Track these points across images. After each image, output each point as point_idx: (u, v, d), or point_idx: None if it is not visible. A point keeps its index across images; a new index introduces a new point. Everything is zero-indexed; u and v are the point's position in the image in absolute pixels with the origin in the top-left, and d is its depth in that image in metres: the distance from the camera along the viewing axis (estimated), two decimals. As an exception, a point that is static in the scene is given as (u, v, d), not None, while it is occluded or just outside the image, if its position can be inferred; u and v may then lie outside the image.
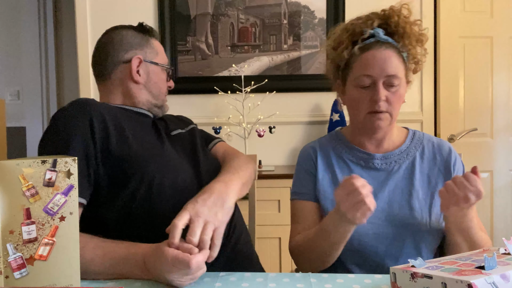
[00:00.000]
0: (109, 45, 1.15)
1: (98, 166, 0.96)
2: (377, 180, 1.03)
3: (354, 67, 1.00)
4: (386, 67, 0.96)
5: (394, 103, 0.98)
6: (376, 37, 0.99)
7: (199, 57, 2.35)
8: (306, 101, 2.36)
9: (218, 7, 2.34)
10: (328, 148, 1.11)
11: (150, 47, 1.18)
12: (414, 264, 0.70)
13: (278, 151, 2.37)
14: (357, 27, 1.03)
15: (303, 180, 1.10)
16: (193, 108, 2.33)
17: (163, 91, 1.21)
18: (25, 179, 0.70)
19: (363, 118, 1.00)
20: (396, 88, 0.98)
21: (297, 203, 1.09)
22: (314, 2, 2.32)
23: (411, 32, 1.00)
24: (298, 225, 1.07)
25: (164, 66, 1.21)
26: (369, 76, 0.97)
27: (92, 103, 1.02)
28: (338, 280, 0.83)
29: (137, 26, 1.19)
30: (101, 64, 1.15)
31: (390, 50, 0.98)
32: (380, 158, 1.05)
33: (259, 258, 1.16)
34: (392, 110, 0.99)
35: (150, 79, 1.16)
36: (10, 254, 0.70)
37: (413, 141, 1.08)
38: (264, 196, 1.92)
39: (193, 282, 0.81)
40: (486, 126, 2.39)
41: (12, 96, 3.32)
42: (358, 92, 1.00)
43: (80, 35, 2.34)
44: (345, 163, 1.08)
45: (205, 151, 1.21)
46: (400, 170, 1.04)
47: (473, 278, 0.59)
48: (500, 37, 2.36)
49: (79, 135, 0.95)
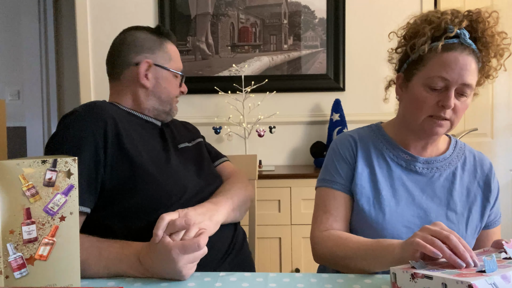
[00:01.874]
0: (122, 45, 1.14)
1: (105, 173, 0.95)
2: (416, 184, 1.00)
3: (430, 64, 0.91)
4: (465, 74, 0.88)
5: (459, 113, 0.92)
6: (461, 39, 0.91)
7: (199, 57, 2.35)
8: (306, 101, 2.36)
9: (219, 7, 2.34)
10: (368, 142, 1.04)
11: (163, 51, 1.15)
12: (414, 264, 0.70)
13: (278, 151, 2.37)
14: (443, 22, 0.92)
15: (338, 167, 1.02)
16: (193, 108, 2.33)
17: (172, 97, 1.18)
18: (25, 179, 0.70)
19: (422, 120, 0.94)
20: (466, 98, 0.92)
21: (328, 191, 1.02)
22: (314, 2, 2.32)
23: (494, 43, 0.92)
24: (330, 215, 0.99)
25: (175, 72, 1.17)
26: (444, 79, 0.90)
27: (104, 106, 1.01)
28: (338, 280, 0.83)
29: (154, 28, 1.17)
30: (113, 63, 1.15)
31: (471, 56, 0.90)
32: (423, 162, 1.00)
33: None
34: (455, 119, 0.93)
35: (159, 84, 1.14)
36: (10, 254, 0.70)
37: (456, 150, 1.04)
38: (264, 196, 1.92)
39: (193, 282, 0.82)
40: (486, 126, 2.39)
41: (12, 96, 3.32)
42: (425, 92, 0.92)
43: (80, 35, 2.34)
44: (385, 161, 1.02)
45: (210, 168, 1.21)
46: (441, 178, 1.00)
47: (474, 279, 0.59)
48: (501, 37, 2.36)
49: (91, 143, 0.94)
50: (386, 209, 0.96)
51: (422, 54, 0.93)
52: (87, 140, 0.94)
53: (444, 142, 1.06)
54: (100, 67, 2.34)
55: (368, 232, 0.95)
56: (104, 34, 2.33)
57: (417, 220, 0.96)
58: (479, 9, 0.93)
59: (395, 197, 0.98)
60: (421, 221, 0.96)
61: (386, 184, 0.99)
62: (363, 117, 2.31)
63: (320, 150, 2.25)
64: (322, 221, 1.00)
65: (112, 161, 0.96)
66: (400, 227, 0.92)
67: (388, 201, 0.97)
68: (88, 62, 2.35)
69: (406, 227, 0.94)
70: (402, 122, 1.03)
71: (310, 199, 1.95)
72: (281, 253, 1.98)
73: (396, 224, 0.95)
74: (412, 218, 0.93)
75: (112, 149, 0.96)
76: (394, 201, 0.97)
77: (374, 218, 0.96)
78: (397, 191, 0.99)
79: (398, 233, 0.94)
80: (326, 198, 1.01)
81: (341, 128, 2.17)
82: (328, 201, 1.01)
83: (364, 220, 0.98)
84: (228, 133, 2.27)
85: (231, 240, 1.07)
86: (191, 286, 0.80)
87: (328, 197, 1.01)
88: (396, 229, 0.88)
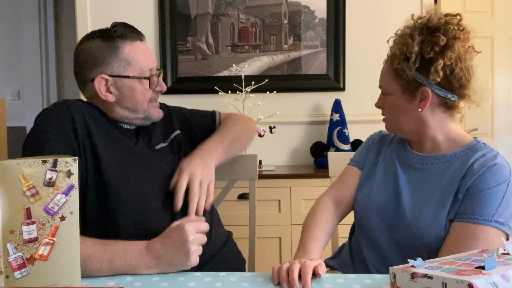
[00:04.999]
0: (77, 62, 1.07)
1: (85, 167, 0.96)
2: (409, 177, 1.06)
3: None
4: (380, 79, 1.08)
5: (386, 110, 1.09)
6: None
7: (200, 57, 2.35)
8: (307, 101, 2.36)
9: (219, 7, 2.34)
10: (388, 140, 1.18)
11: (118, 58, 1.04)
12: (413, 264, 0.70)
13: (278, 151, 2.37)
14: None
15: (363, 151, 1.21)
16: (194, 108, 2.32)
17: (142, 103, 1.08)
18: (25, 179, 0.70)
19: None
20: (388, 97, 1.06)
21: (349, 167, 1.21)
22: (314, 2, 2.32)
23: (398, 43, 1.03)
24: (339, 183, 1.20)
25: (137, 78, 1.06)
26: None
27: (75, 104, 1.01)
28: (338, 280, 0.83)
29: (106, 31, 1.06)
30: (76, 78, 1.10)
31: (385, 65, 1.06)
32: (417, 157, 1.07)
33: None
34: (388, 116, 1.09)
35: (123, 94, 1.05)
36: (11, 254, 0.70)
37: (464, 152, 1.01)
38: (264, 196, 1.92)
39: (193, 282, 0.82)
40: (486, 126, 2.39)
41: (13, 96, 3.32)
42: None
43: (80, 34, 2.34)
44: (391, 156, 1.13)
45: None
46: (433, 173, 1.02)
47: (474, 278, 0.59)
48: (501, 37, 2.36)
49: (63, 135, 0.95)
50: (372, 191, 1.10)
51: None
52: (58, 133, 0.95)
53: (454, 145, 1.03)
54: (100, 67, 2.35)
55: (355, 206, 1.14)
56: (104, 34, 2.34)
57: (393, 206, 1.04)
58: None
59: (384, 182, 1.10)
60: (397, 211, 1.03)
61: (382, 172, 1.12)
62: (363, 117, 2.31)
63: (320, 150, 2.25)
64: (332, 186, 1.21)
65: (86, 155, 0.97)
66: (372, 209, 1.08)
67: (377, 184, 1.10)
68: (88, 62, 2.35)
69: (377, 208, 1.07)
70: None
71: (310, 199, 1.94)
72: (281, 253, 1.98)
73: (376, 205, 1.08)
74: (390, 205, 1.05)
75: (83, 143, 0.97)
76: (381, 185, 1.10)
77: (362, 195, 1.12)
78: (388, 180, 1.09)
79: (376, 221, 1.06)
80: (345, 171, 1.22)
81: (341, 128, 2.17)
82: (345, 173, 1.21)
83: (356, 197, 1.14)
84: (228, 133, 2.27)
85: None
86: (191, 286, 0.80)
87: (346, 171, 1.21)
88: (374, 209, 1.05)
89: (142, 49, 1.08)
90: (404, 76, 0.99)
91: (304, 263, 0.83)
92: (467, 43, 1.00)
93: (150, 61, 1.09)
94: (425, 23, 0.99)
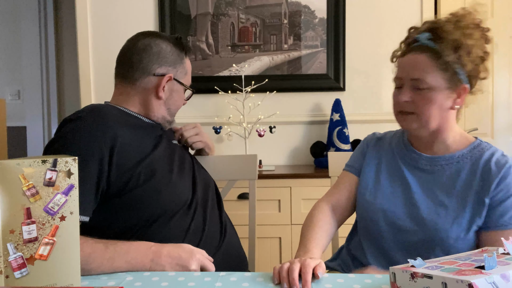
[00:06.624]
0: (145, 52, 1.13)
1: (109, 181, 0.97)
2: (417, 178, 1.04)
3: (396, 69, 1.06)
4: (411, 70, 0.99)
5: (418, 104, 0.98)
6: (420, 42, 1.00)
7: (200, 57, 2.35)
8: (307, 101, 2.36)
9: (219, 7, 2.34)
10: (386, 142, 1.15)
11: (182, 67, 1.19)
12: (413, 264, 0.70)
13: (278, 151, 2.37)
14: (410, 33, 1.06)
15: (356, 156, 1.19)
16: (194, 108, 2.32)
17: (178, 109, 1.23)
18: (25, 179, 0.70)
19: (396, 116, 1.05)
20: (425, 91, 0.97)
21: (345, 173, 1.19)
22: (314, 2, 2.32)
23: (449, 37, 0.96)
24: (335, 189, 1.17)
25: (189, 88, 1.22)
26: (399, 79, 1.03)
27: (109, 114, 1.03)
28: (338, 280, 0.83)
29: (176, 39, 1.18)
30: (131, 67, 1.13)
31: (425, 54, 0.98)
32: (425, 159, 1.04)
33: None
34: (420, 112, 0.98)
35: (171, 96, 1.17)
36: (11, 254, 0.70)
37: (472, 152, 1.02)
38: (264, 196, 1.92)
39: (193, 282, 0.82)
40: (486, 126, 2.39)
41: (13, 95, 3.32)
42: (394, 92, 1.05)
43: (80, 34, 2.34)
44: (394, 158, 1.10)
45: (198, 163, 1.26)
46: (443, 175, 1.01)
47: (474, 278, 0.59)
48: (501, 37, 2.36)
49: (97, 155, 0.95)
50: (379, 195, 1.07)
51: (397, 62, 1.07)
52: (93, 150, 0.95)
53: (463, 143, 1.03)
54: (100, 66, 2.35)
55: (365, 215, 1.09)
56: (104, 33, 2.34)
57: (404, 210, 1.02)
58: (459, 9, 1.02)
59: (391, 187, 1.07)
60: (410, 214, 1.01)
61: (388, 176, 1.09)
62: (363, 117, 2.31)
63: (320, 150, 2.25)
64: (328, 192, 1.18)
65: (116, 170, 0.98)
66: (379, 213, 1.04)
67: (383, 189, 1.07)
68: (88, 62, 2.35)
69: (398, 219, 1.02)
70: None
71: (310, 199, 1.95)
72: (281, 253, 1.98)
73: (384, 208, 1.04)
74: (401, 208, 1.02)
75: (117, 159, 0.98)
76: (389, 190, 1.07)
77: (367, 201, 1.08)
78: (395, 183, 1.07)
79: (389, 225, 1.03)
80: (341, 177, 1.20)
81: (341, 128, 2.17)
82: (341, 179, 1.19)
83: (361, 203, 1.11)
84: (228, 133, 2.27)
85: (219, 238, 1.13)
86: (191, 286, 0.80)
87: (343, 177, 1.19)
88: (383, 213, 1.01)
89: (190, 65, 1.24)
90: (452, 70, 0.96)
91: (304, 262, 0.83)
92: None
93: (190, 78, 1.25)
94: (479, 20, 0.99)
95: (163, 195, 1.01)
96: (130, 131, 1.03)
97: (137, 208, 0.98)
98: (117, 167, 0.97)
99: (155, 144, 1.08)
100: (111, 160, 0.96)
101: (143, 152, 1.03)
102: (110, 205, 0.97)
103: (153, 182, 1.00)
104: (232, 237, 1.16)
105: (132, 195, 0.98)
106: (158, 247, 0.92)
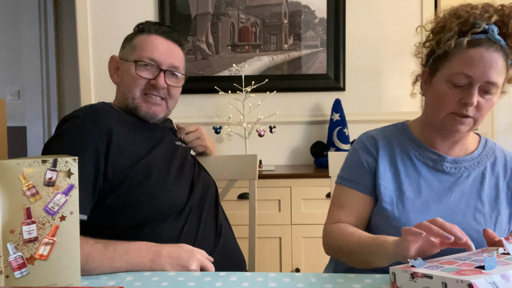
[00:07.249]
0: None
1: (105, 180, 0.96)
2: (443, 184, 0.97)
3: (454, 60, 0.89)
4: (489, 71, 0.86)
5: (483, 111, 0.89)
6: (489, 34, 0.87)
7: (200, 57, 2.35)
8: (307, 101, 2.36)
9: (219, 7, 2.34)
10: (393, 142, 1.02)
11: (130, 44, 1.09)
12: (413, 264, 0.70)
13: (278, 151, 2.37)
14: (471, 16, 0.88)
15: (356, 169, 1.02)
16: (194, 108, 2.32)
17: (131, 89, 1.07)
18: (25, 179, 0.70)
19: (444, 117, 0.92)
20: (491, 96, 0.89)
21: (346, 190, 1.02)
22: (314, 2, 2.32)
23: None
24: (343, 212, 1.00)
25: (131, 61, 1.06)
26: (467, 76, 0.87)
27: (104, 112, 1.03)
28: (338, 280, 0.83)
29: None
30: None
31: (498, 53, 0.86)
32: (450, 161, 0.97)
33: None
34: (479, 117, 0.90)
35: (122, 78, 1.10)
36: (11, 254, 0.70)
37: (485, 149, 1.01)
38: (264, 196, 1.92)
39: (193, 282, 0.82)
40: (486, 125, 2.39)
41: (13, 95, 3.32)
42: (448, 89, 0.90)
43: (80, 34, 2.34)
44: (410, 161, 0.99)
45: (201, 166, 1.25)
46: (469, 178, 0.97)
47: (474, 278, 0.59)
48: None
49: (93, 152, 0.95)
50: (409, 209, 0.94)
51: (447, 50, 0.90)
52: (89, 148, 0.94)
53: (474, 142, 1.03)
54: (100, 66, 2.34)
55: (391, 233, 0.91)
56: (104, 33, 2.33)
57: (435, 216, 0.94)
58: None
59: (420, 197, 0.96)
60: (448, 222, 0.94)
61: (411, 184, 0.97)
62: (363, 117, 2.31)
63: (320, 150, 2.25)
64: (334, 215, 1.02)
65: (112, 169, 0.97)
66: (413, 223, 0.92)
67: (412, 201, 0.95)
68: (89, 62, 2.35)
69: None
70: (426, 120, 1.01)
71: (310, 199, 1.95)
72: (281, 253, 1.98)
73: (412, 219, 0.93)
74: (430, 214, 0.92)
75: (112, 158, 0.97)
76: (420, 201, 0.95)
77: (397, 218, 0.94)
78: (422, 191, 0.96)
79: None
80: (342, 195, 1.03)
81: (341, 128, 2.17)
82: (344, 197, 1.02)
83: (387, 221, 0.96)
84: (228, 133, 2.27)
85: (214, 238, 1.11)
86: (191, 286, 0.80)
87: (345, 196, 1.02)
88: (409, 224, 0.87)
89: (155, 42, 1.08)
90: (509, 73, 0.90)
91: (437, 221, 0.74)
92: None
93: (158, 54, 1.07)
94: None
95: (157, 199, 0.99)
96: (126, 130, 1.02)
97: (130, 210, 0.97)
98: (113, 166, 0.96)
99: (153, 146, 1.07)
100: (107, 158, 0.95)
101: (139, 153, 1.01)
102: (104, 206, 0.96)
103: (148, 185, 0.98)
104: (228, 239, 1.14)
105: (126, 197, 0.96)
106: (158, 247, 0.92)
